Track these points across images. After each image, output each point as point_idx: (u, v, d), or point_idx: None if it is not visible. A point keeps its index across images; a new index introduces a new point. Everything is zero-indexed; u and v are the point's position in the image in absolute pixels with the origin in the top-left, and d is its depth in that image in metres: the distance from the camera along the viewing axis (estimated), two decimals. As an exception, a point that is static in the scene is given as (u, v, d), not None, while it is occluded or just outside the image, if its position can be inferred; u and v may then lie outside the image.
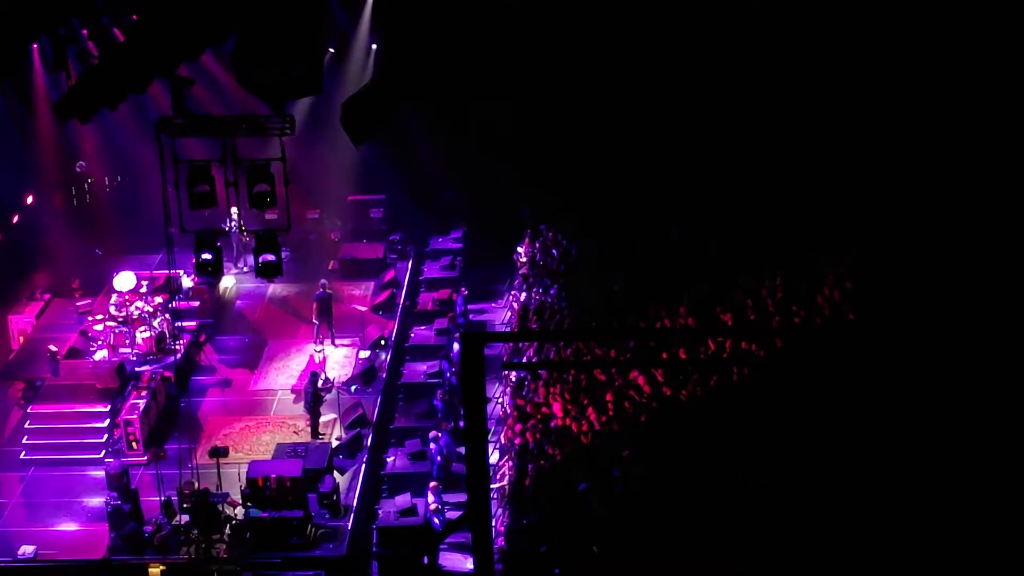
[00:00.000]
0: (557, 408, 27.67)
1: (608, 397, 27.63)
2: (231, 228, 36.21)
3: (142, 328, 33.72)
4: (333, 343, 35.13)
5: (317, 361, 34.17)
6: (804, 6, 31.85)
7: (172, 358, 32.62)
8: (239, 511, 27.72)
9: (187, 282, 36.21)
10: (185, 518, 27.57)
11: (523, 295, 34.78)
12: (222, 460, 28.34)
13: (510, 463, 27.54)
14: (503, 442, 28.87)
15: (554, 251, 35.96)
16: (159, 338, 33.71)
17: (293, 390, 33.20)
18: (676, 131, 33.91)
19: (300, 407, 32.05)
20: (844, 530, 22.36)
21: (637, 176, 35.21)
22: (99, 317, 34.42)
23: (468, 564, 26.00)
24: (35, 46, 36.83)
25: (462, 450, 27.78)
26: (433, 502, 27.39)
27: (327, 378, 32.87)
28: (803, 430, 24.60)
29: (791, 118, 33.21)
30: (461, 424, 29.47)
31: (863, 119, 32.76)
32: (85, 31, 29.34)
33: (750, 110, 33.57)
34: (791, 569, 22.03)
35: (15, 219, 39.63)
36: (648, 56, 31.50)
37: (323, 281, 35.47)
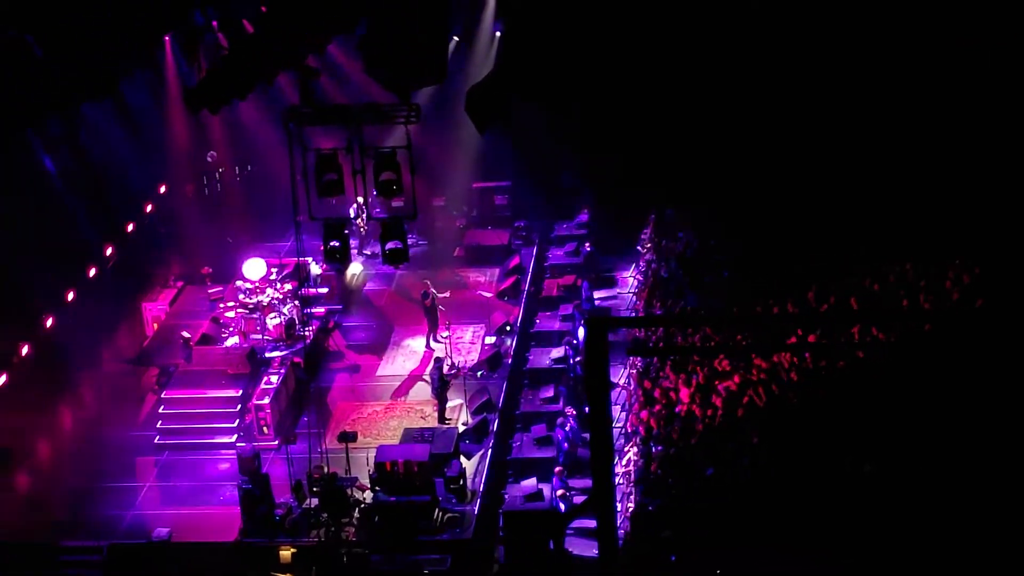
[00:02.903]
0: (684, 394, 27.60)
1: (735, 379, 27.54)
2: (358, 216, 36.59)
3: (272, 314, 34.18)
4: (432, 341, 35.11)
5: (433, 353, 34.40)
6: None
7: (301, 344, 33.03)
8: (367, 495, 28.02)
9: (316, 269, 36.61)
10: (315, 502, 27.94)
11: (648, 280, 34.71)
12: (350, 445, 28.68)
13: (635, 448, 27.55)
14: (628, 428, 28.87)
15: (680, 234, 35.83)
16: (288, 324, 34.15)
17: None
18: (801, 117, 33.57)
19: (427, 392, 32.34)
20: (970, 520, 22.09)
21: (762, 162, 34.92)
22: (230, 304, 34.94)
23: (594, 549, 26.02)
24: (167, 38, 37.50)
25: (587, 435, 27.84)
26: (558, 487, 27.47)
27: (453, 364, 33.08)
28: (931, 417, 24.31)
29: (914, 105, 32.73)
30: (586, 409, 29.53)
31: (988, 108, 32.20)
32: (215, 23, 29.83)
33: (876, 97, 33.13)
34: (916, 558, 21.80)
35: (148, 209, 40.40)
36: (772, 45, 31.22)
37: (425, 282, 35.57)
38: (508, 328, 34.91)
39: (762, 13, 27.93)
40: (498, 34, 40.92)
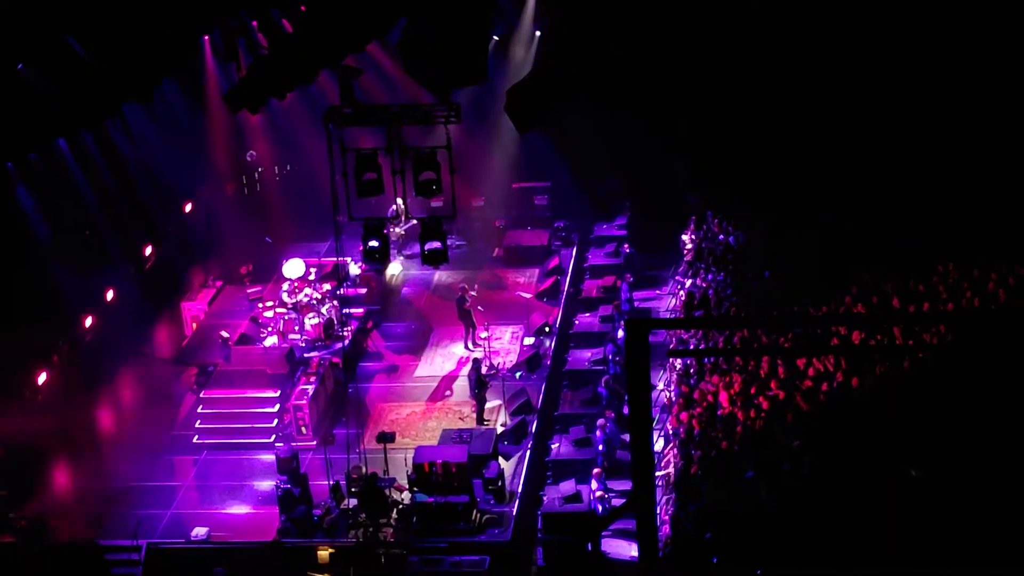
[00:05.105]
0: (724, 398, 27.44)
1: (772, 385, 27.37)
2: (396, 219, 36.58)
3: (311, 315, 34.19)
4: (468, 345, 34.99)
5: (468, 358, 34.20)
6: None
7: (340, 344, 33.01)
8: (406, 496, 27.98)
9: (355, 269, 36.61)
10: (353, 502, 27.93)
11: (688, 282, 34.56)
12: (389, 445, 28.65)
13: (675, 450, 27.41)
14: (668, 429, 28.73)
15: (720, 237, 35.65)
16: (327, 325, 34.15)
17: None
18: (846, 119, 33.41)
19: (465, 393, 32.28)
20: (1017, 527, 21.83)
21: (805, 164, 34.74)
22: (269, 304, 34.98)
23: (632, 551, 25.93)
24: (207, 38, 37.59)
25: (626, 437, 27.72)
26: (597, 489, 27.35)
27: (492, 365, 33.00)
28: (976, 421, 24.06)
29: (954, 107, 32.52)
30: (625, 411, 29.39)
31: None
32: (255, 23, 29.86)
33: (922, 99, 32.95)
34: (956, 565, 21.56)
35: (188, 208, 40.51)
36: (816, 45, 31.08)
37: (462, 286, 35.46)
38: (547, 329, 34.80)
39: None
40: (538, 34, 40.82)
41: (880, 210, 32.91)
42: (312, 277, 35.22)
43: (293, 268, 35.06)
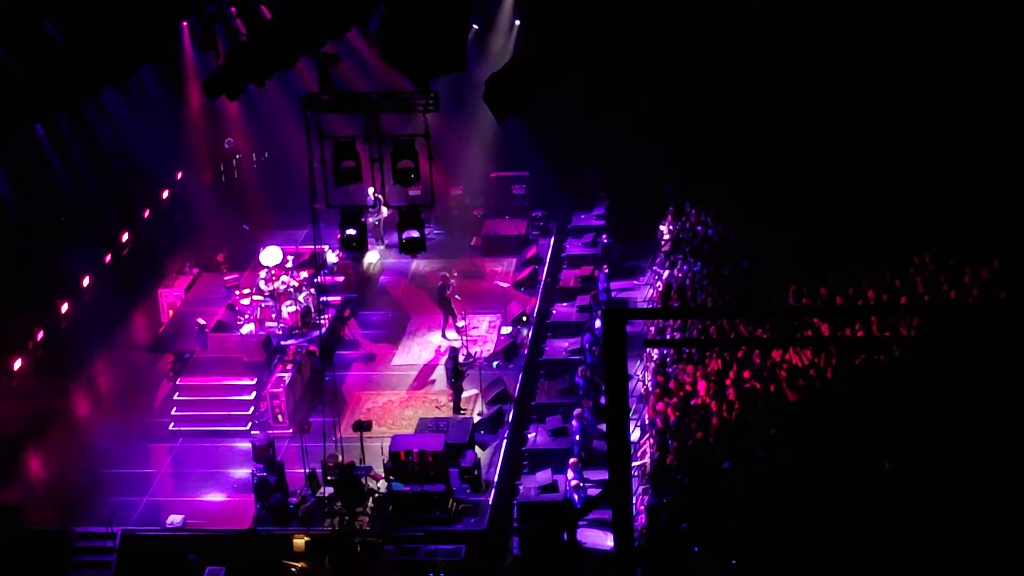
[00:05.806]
0: (701, 387, 27.46)
1: (746, 375, 27.39)
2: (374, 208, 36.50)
3: (288, 302, 34.12)
4: (446, 334, 35.02)
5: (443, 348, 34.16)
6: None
7: (317, 332, 32.96)
8: (382, 484, 27.97)
9: (332, 257, 36.55)
10: (329, 490, 27.89)
11: (666, 273, 34.57)
12: (365, 434, 28.61)
13: (651, 441, 27.43)
14: (644, 420, 28.75)
15: (698, 228, 35.66)
16: (304, 312, 34.09)
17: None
18: (825, 112, 33.41)
19: (442, 382, 32.24)
20: (993, 520, 21.91)
21: (785, 156, 34.75)
22: (246, 291, 34.88)
23: (608, 541, 25.95)
24: (184, 24, 37.44)
25: (603, 427, 27.72)
26: (573, 478, 27.36)
27: (469, 353, 32.98)
28: (952, 414, 24.11)
29: (937, 104, 32.54)
30: (602, 401, 29.39)
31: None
32: (233, 9, 29.71)
33: (898, 87, 32.96)
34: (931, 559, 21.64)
35: (165, 195, 40.38)
36: (801, 36, 31.06)
37: (443, 274, 35.45)
38: (525, 318, 34.80)
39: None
40: (517, 24, 40.76)
41: (863, 204, 32.95)
42: (289, 265, 35.11)
43: (270, 256, 34.96)
